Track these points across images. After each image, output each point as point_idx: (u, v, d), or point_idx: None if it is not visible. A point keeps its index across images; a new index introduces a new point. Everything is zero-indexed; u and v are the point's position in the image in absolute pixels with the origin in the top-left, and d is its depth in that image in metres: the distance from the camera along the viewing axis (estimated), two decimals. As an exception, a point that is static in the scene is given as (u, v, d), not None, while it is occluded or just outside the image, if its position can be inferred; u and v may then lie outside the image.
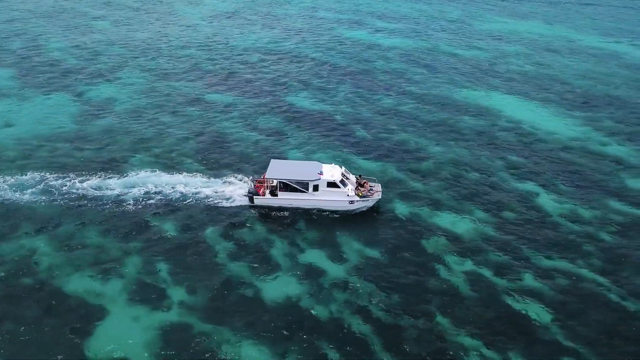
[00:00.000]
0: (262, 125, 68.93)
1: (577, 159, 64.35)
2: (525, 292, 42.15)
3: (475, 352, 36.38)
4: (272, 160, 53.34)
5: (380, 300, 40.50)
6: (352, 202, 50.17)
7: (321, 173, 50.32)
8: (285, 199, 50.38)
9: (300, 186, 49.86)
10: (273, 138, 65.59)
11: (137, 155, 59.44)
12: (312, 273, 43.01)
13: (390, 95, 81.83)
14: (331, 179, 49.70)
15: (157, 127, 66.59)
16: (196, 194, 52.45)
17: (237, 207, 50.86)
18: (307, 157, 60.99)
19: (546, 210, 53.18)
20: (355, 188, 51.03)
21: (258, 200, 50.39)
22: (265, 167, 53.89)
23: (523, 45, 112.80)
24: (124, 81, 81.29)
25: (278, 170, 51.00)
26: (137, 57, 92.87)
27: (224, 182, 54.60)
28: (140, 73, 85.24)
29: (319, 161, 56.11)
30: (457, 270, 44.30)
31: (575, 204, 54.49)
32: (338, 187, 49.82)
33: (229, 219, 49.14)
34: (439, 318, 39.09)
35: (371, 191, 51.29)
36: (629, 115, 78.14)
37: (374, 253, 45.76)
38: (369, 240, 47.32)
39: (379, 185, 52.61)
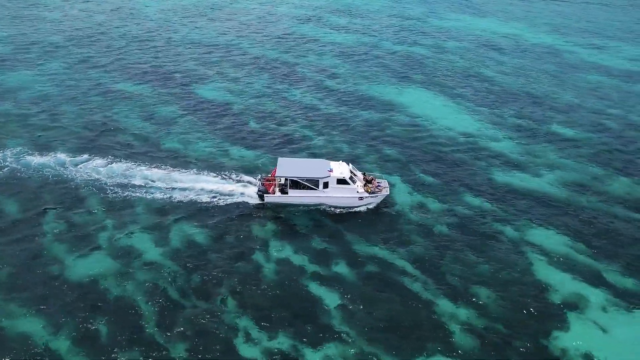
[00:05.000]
0: (155, 114, 70.38)
1: (457, 153, 64.59)
2: (329, 278, 42.97)
3: (243, 332, 37.41)
4: (279, 158, 54.36)
5: (179, 282, 41.64)
6: (361, 198, 51.21)
7: (331, 170, 51.30)
8: (296, 196, 51.26)
9: (311, 183, 50.72)
10: (158, 126, 66.99)
11: (15, 139, 61.35)
12: (125, 255, 44.31)
13: (301, 88, 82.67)
14: (341, 176, 50.66)
15: (50, 114, 68.48)
16: (56, 176, 54.22)
17: (82, 188, 52.44)
18: (186, 146, 62.43)
19: (393, 201, 53.68)
20: (364, 185, 52.15)
21: (269, 198, 51.16)
22: (141, 154, 55.81)
23: (468, 42, 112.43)
24: (43, 69, 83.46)
25: (288, 168, 51.73)
26: (69, 47, 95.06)
27: (85, 162, 56.89)
28: (64, 62, 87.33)
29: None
30: (273, 255, 45.24)
31: (427, 196, 54.90)
32: (348, 183, 50.79)
33: (73, 199, 50.79)
34: (225, 299, 40.15)
35: (379, 187, 52.44)
36: (536, 112, 77.85)
37: (199, 237, 46.88)
38: (197, 224, 48.42)
39: (386, 181, 53.65)
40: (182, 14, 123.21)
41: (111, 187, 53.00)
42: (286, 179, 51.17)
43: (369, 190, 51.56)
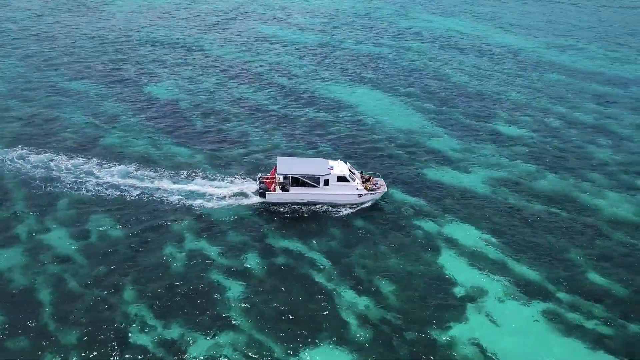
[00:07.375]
0: (100, 111, 70.88)
1: (396, 150, 65.22)
2: (236, 270, 43.57)
3: (138, 321, 37.94)
4: (278, 157, 54.90)
5: (84, 274, 42.15)
6: (360, 195, 52.20)
7: (331, 168, 52.28)
8: (297, 194, 52.04)
9: (312, 181, 51.56)
10: (100, 123, 67.50)
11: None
12: (37, 247, 44.87)
13: (254, 86, 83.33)
14: (341, 174, 51.69)
15: (-6, 110, 69.31)
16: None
17: (9, 180, 53.01)
18: (123, 143, 62.97)
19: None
20: (363, 182, 53.17)
21: (270, 196, 51.85)
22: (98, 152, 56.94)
23: (430, 42, 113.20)
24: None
25: (288, 166, 52.40)
26: (30, 47, 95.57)
27: (16, 155, 58.22)
28: (19, 61, 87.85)
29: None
30: (185, 248, 45.79)
31: (354, 192, 55.39)
32: (348, 181, 51.87)
33: (-3, 195, 51.48)
34: (126, 291, 40.68)
35: (377, 185, 53.42)
36: (483, 111, 78.52)
37: (115, 232, 47.39)
38: (117, 219, 48.92)
39: (382, 179, 54.72)
40: (146, 14, 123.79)
41: (37, 180, 53.57)
42: (286, 177, 51.72)
43: (368, 188, 52.53)
